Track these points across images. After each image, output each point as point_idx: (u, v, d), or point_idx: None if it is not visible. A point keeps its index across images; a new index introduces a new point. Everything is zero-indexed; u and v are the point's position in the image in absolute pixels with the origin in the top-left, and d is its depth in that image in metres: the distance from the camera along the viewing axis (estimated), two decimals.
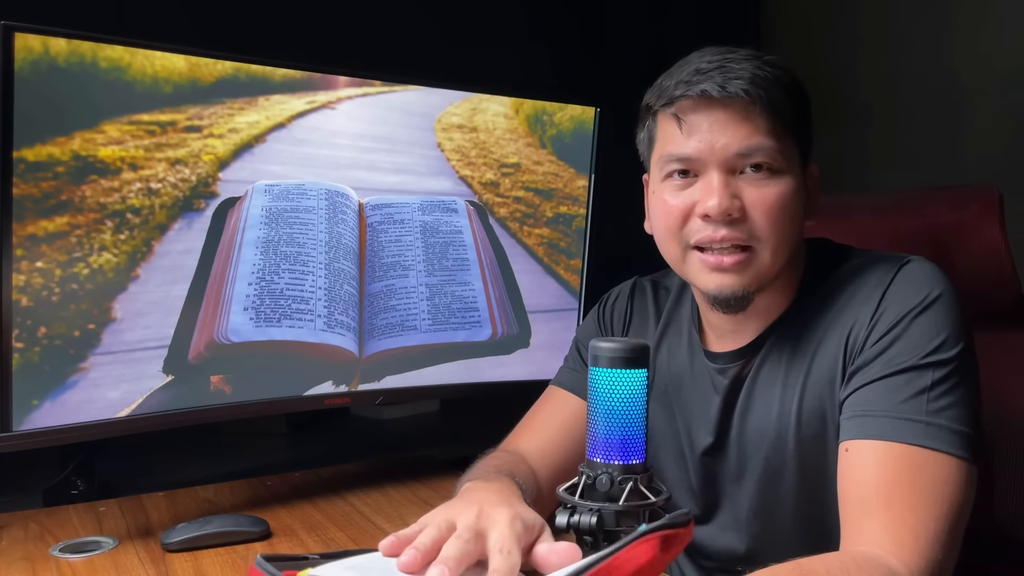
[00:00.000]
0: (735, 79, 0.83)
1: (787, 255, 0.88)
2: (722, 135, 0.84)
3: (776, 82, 0.85)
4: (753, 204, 0.84)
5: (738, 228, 0.85)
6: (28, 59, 0.97)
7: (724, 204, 0.83)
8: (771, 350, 0.90)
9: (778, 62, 0.87)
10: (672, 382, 0.99)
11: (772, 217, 0.85)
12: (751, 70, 0.84)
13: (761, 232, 0.85)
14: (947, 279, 0.85)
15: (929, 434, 0.77)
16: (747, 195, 0.85)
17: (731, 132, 0.84)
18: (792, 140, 0.87)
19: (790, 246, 0.88)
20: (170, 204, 1.11)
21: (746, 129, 0.84)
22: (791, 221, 0.86)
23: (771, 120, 0.84)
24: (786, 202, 0.85)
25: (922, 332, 0.81)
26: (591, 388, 0.77)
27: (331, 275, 1.24)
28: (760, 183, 0.85)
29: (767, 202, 0.84)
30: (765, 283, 0.88)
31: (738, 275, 0.86)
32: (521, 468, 0.95)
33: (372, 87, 1.26)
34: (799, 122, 0.88)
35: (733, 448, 0.92)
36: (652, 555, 0.62)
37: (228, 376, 1.17)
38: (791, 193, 0.86)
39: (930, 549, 0.74)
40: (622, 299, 1.08)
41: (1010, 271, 1.10)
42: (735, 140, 0.84)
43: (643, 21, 2.09)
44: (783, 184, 0.85)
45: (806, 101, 0.90)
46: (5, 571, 0.96)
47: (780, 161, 0.85)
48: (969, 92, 1.84)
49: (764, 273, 0.87)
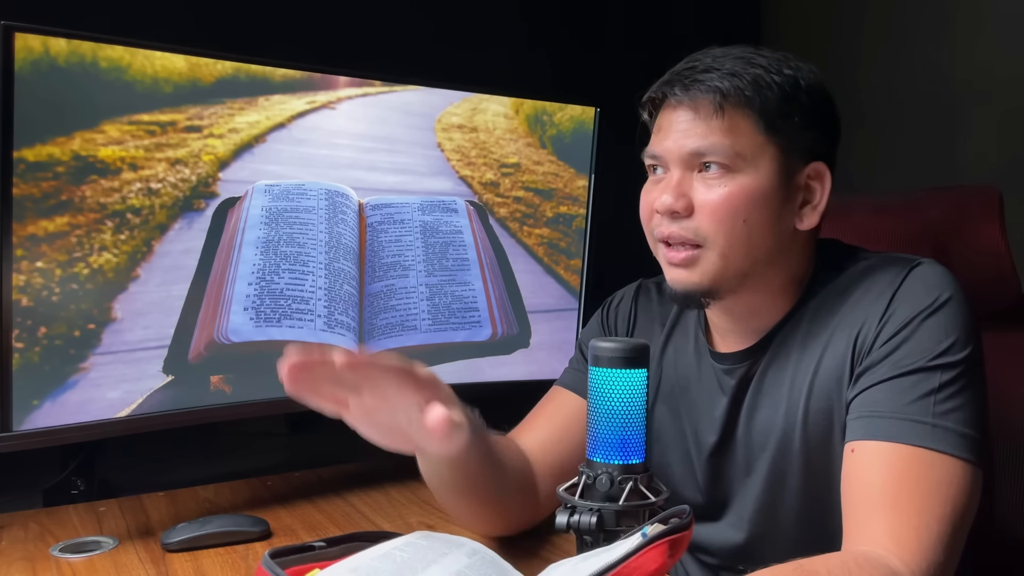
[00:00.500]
0: (699, 81, 0.85)
1: (747, 259, 0.86)
2: (682, 134, 0.86)
3: (755, 81, 0.84)
4: (700, 203, 0.85)
5: (684, 226, 0.86)
6: (28, 59, 0.97)
7: (667, 201, 0.85)
8: (778, 350, 0.90)
9: (771, 63, 0.86)
10: (679, 383, 0.99)
11: (717, 217, 0.84)
12: (726, 70, 0.84)
13: (706, 232, 0.85)
14: (957, 282, 0.84)
15: (935, 436, 0.77)
16: (697, 194, 0.86)
17: (690, 132, 0.86)
18: (763, 140, 0.85)
19: (748, 249, 0.86)
20: (170, 204, 1.11)
21: (703, 128, 0.85)
22: (746, 223, 0.85)
23: (740, 120, 0.84)
24: (736, 203, 0.84)
25: (931, 334, 0.81)
26: (591, 388, 0.77)
27: (331, 275, 1.24)
28: (710, 182, 0.85)
29: (713, 202, 0.84)
30: (725, 283, 0.87)
31: (687, 271, 0.87)
32: (511, 445, 0.98)
33: (372, 87, 1.26)
34: (784, 122, 0.85)
35: (740, 447, 0.92)
36: (662, 561, 0.62)
37: (228, 376, 1.17)
38: (745, 194, 0.84)
39: (932, 550, 0.74)
40: (626, 301, 1.08)
41: (1010, 271, 1.10)
42: (690, 140, 0.85)
43: (643, 21, 2.09)
44: (737, 184, 0.84)
45: (808, 99, 0.87)
46: (5, 571, 0.96)
47: (736, 162, 0.84)
48: (969, 92, 1.84)
49: (716, 272, 0.86)
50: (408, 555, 0.70)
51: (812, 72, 0.89)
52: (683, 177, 0.86)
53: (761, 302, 0.90)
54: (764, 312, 0.91)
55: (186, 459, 1.50)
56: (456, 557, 0.71)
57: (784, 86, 0.86)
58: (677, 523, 0.66)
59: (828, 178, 0.89)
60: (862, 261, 0.90)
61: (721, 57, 0.87)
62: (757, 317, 0.91)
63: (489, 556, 0.73)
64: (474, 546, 0.74)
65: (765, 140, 0.85)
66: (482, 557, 0.73)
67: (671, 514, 0.70)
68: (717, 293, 0.88)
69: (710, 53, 0.88)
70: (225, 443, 1.63)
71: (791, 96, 0.86)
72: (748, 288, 0.88)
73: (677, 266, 0.87)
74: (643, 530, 0.66)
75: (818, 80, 0.89)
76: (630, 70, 0.91)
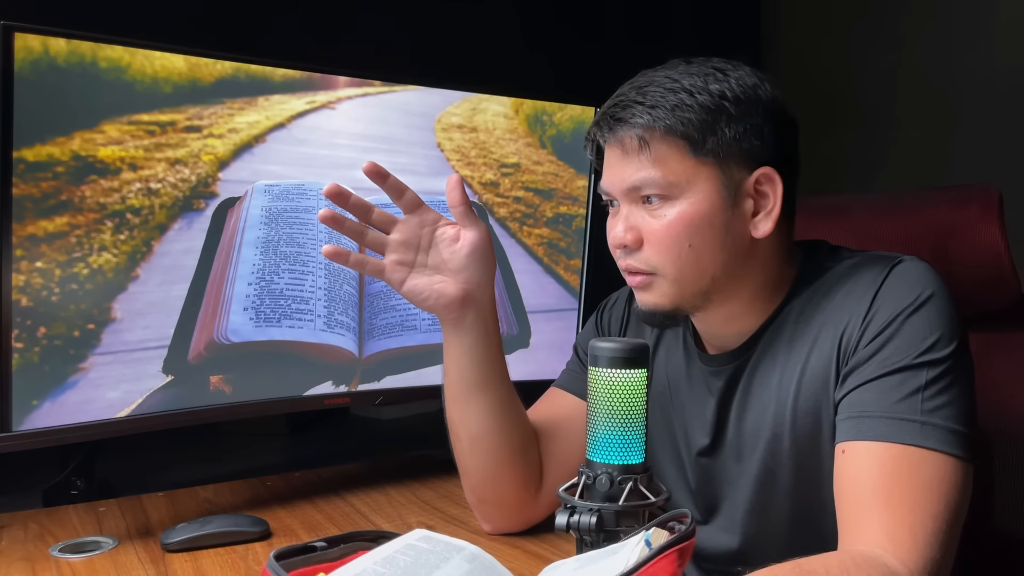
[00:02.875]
0: (620, 120, 0.86)
1: (703, 277, 0.87)
2: (617, 171, 0.88)
3: (676, 107, 0.83)
4: (648, 234, 0.86)
5: (636, 257, 0.87)
6: (28, 59, 0.97)
7: (616, 237, 0.88)
8: (764, 351, 0.91)
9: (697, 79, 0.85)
10: (669, 385, 0.99)
11: (663, 246, 0.86)
12: (647, 104, 0.84)
13: (656, 260, 0.86)
14: (939, 278, 0.84)
15: (925, 434, 0.77)
16: (643, 225, 0.87)
17: (622, 169, 0.87)
18: (695, 163, 0.84)
19: (701, 269, 0.86)
20: (170, 204, 1.11)
21: (634, 164, 0.86)
22: (691, 247, 0.85)
23: (664, 150, 0.84)
24: (677, 229, 0.85)
25: (915, 332, 0.81)
26: (591, 388, 0.77)
27: (331, 275, 1.24)
28: (652, 212, 0.86)
29: (658, 232, 0.86)
30: (690, 302, 0.88)
31: (646, 292, 0.89)
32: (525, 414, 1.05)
33: (372, 87, 1.26)
34: (716, 138, 0.84)
35: (730, 449, 0.93)
36: (672, 570, 0.62)
37: (228, 376, 1.17)
38: (686, 219, 0.85)
39: (928, 547, 0.74)
40: (620, 303, 1.09)
41: (1010, 271, 1.10)
42: (624, 177, 0.87)
43: (643, 20, 2.09)
44: (676, 212, 0.85)
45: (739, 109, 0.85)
46: (5, 571, 0.96)
47: (671, 190, 0.84)
48: (969, 92, 1.84)
49: (673, 295, 0.87)
50: (411, 559, 0.70)
51: (746, 79, 0.86)
52: (630, 211, 0.88)
53: (736, 310, 0.91)
54: (743, 318, 0.91)
55: (186, 459, 1.50)
56: (457, 563, 0.71)
57: (707, 105, 0.84)
58: (684, 531, 0.65)
59: (779, 182, 0.86)
60: (845, 260, 0.90)
61: (645, 87, 0.86)
62: (737, 323, 0.92)
63: (489, 561, 0.73)
64: (473, 551, 0.74)
65: (696, 162, 0.85)
66: (482, 562, 0.73)
67: (670, 517, 0.70)
68: (681, 311, 0.89)
69: (637, 82, 0.88)
70: (225, 443, 1.64)
71: (717, 112, 0.84)
72: (716, 302, 0.89)
73: (638, 289, 0.90)
74: (645, 536, 0.66)
75: (752, 85, 0.86)
76: (630, 69, 0.91)
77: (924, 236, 1.14)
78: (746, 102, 0.85)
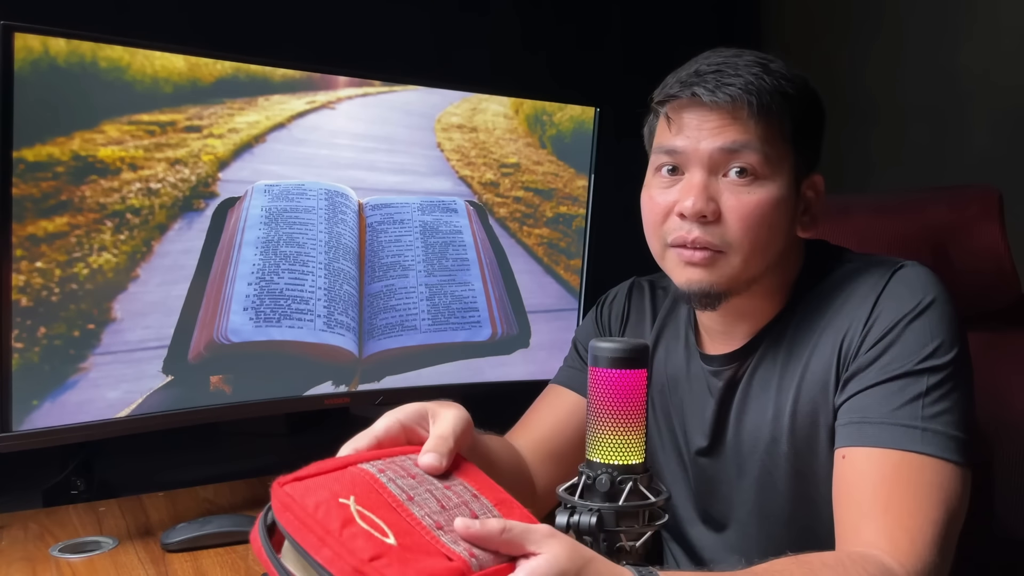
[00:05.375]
0: (728, 85, 0.83)
1: (762, 264, 0.87)
2: (708, 135, 0.84)
3: (775, 90, 0.84)
4: (730, 209, 0.84)
5: (711, 231, 0.84)
6: (28, 59, 0.97)
7: (699, 205, 0.83)
8: (765, 353, 0.91)
9: (785, 69, 0.86)
10: (669, 383, 0.99)
11: (747, 224, 0.84)
12: (748, 76, 0.83)
13: (733, 238, 0.84)
14: (941, 284, 0.84)
15: (925, 440, 0.77)
16: (725, 199, 0.84)
17: (717, 133, 0.84)
18: (786, 149, 0.85)
19: (766, 255, 0.86)
20: (170, 204, 1.11)
21: (732, 132, 0.83)
22: (770, 230, 0.85)
23: (762, 127, 0.83)
24: (765, 211, 0.84)
25: (916, 338, 0.81)
26: (591, 388, 0.77)
27: (331, 275, 1.24)
28: (740, 189, 0.84)
29: (744, 209, 0.84)
30: (738, 286, 0.87)
31: (706, 271, 0.85)
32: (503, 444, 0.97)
33: (372, 87, 1.26)
34: (799, 131, 0.86)
35: (730, 451, 0.93)
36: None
37: (228, 376, 1.17)
38: (773, 202, 0.84)
39: (926, 551, 0.74)
40: (620, 299, 1.09)
41: (1010, 271, 1.10)
42: (720, 140, 0.84)
43: (643, 20, 2.09)
44: (765, 192, 0.84)
45: (814, 111, 0.89)
46: (5, 571, 0.96)
47: (765, 168, 0.84)
48: (969, 92, 1.84)
49: (734, 276, 0.86)
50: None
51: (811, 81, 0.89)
52: (707, 180, 0.84)
53: (754, 305, 0.91)
54: (754, 315, 0.91)
55: (186, 459, 1.50)
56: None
57: (799, 98, 0.86)
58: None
59: (823, 188, 0.91)
60: (847, 264, 0.90)
61: (733, 58, 0.85)
62: (747, 320, 0.92)
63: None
64: None
65: (788, 149, 0.86)
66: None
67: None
68: (728, 295, 0.87)
69: (720, 53, 0.87)
70: (225, 443, 1.63)
71: (807, 108, 0.87)
72: (749, 293, 0.89)
73: (696, 266, 0.86)
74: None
75: (816, 89, 0.89)
76: (630, 70, 0.91)
77: (924, 236, 1.14)
78: (819, 106, 0.89)
